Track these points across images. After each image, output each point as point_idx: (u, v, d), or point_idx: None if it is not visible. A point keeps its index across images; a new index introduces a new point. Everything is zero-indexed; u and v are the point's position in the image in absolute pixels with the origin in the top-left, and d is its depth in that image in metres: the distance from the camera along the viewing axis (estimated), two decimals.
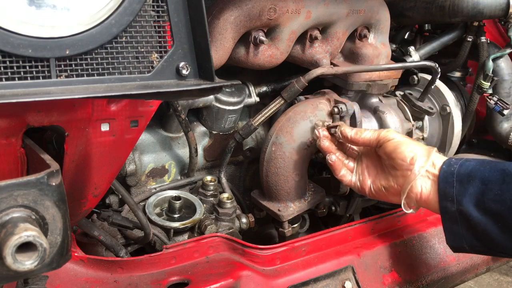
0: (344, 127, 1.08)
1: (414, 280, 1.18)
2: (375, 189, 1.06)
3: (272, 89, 1.45)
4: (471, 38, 1.52)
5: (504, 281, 2.61)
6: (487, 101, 1.50)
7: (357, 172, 1.10)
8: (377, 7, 1.32)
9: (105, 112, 0.77)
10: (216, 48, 1.12)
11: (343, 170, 1.10)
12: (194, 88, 0.71)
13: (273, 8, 1.13)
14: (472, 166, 0.94)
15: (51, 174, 0.60)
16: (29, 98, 0.59)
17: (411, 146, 0.99)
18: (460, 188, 0.92)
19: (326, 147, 1.10)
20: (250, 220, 1.24)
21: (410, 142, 1.00)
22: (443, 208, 0.95)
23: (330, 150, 1.10)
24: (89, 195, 0.85)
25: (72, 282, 0.92)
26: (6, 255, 0.53)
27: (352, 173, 1.10)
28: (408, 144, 0.99)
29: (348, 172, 1.10)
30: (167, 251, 0.99)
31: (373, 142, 1.04)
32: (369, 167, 1.09)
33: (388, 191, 1.03)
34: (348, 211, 1.57)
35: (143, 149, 1.26)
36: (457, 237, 0.95)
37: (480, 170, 0.92)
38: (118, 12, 0.66)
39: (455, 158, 0.98)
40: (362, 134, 1.05)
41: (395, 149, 0.99)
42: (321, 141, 1.10)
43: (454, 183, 0.93)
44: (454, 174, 0.94)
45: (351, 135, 1.06)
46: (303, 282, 1.05)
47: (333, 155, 1.10)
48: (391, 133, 1.02)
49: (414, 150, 0.98)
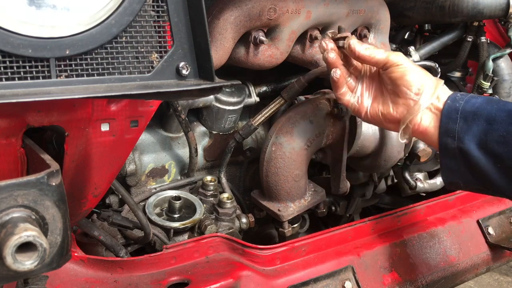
0: (353, 39, 0.99)
1: (414, 280, 1.18)
2: (371, 113, 1.01)
3: (272, 89, 1.45)
4: (471, 38, 1.52)
5: (504, 281, 2.61)
6: None
7: (356, 93, 1.04)
8: (377, 7, 1.32)
9: (105, 112, 0.77)
10: (216, 48, 1.12)
11: (344, 88, 1.03)
12: (194, 88, 0.71)
13: (273, 8, 1.13)
14: (479, 104, 0.90)
15: (51, 174, 0.60)
16: (29, 98, 0.59)
17: (419, 75, 0.94)
18: (463, 125, 0.89)
19: (332, 61, 1.02)
20: (250, 220, 1.24)
21: (418, 71, 0.95)
22: (443, 144, 0.92)
23: (336, 64, 1.02)
24: (89, 195, 0.85)
25: (72, 282, 0.92)
26: (6, 255, 0.53)
27: (352, 92, 1.04)
28: (416, 72, 0.95)
29: (348, 91, 1.04)
30: (167, 251, 0.99)
31: (381, 63, 0.98)
32: (369, 89, 1.03)
33: (385, 117, 0.99)
34: (348, 211, 1.58)
35: (143, 149, 1.26)
36: (454, 173, 0.93)
37: (487, 109, 0.88)
38: (118, 12, 0.66)
39: (460, 94, 0.94)
40: (371, 52, 0.98)
41: (402, 76, 0.94)
42: (328, 54, 1.01)
43: (458, 120, 0.90)
44: (458, 110, 0.90)
45: (359, 50, 0.98)
46: (303, 282, 1.05)
47: (338, 70, 1.01)
48: (401, 58, 0.96)
49: (422, 80, 0.94)
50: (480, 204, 1.44)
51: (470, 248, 1.32)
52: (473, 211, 1.40)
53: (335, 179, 1.29)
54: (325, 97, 1.25)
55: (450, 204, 1.39)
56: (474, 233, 1.36)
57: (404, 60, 0.96)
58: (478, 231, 1.37)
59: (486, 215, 1.40)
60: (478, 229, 1.37)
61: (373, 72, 1.03)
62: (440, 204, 1.36)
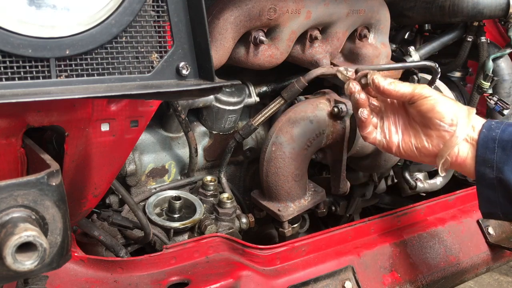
0: (376, 75, 0.97)
1: (414, 280, 1.18)
2: (404, 148, 0.98)
3: (272, 89, 1.45)
4: (471, 38, 1.52)
5: (504, 281, 2.61)
6: (487, 101, 1.50)
7: (383, 128, 1.01)
8: (377, 7, 1.32)
9: (105, 112, 0.77)
10: (216, 48, 1.12)
11: (370, 127, 1.00)
12: (194, 88, 0.71)
13: (273, 8, 1.13)
14: None
15: (51, 174, 0.60)
16: (29, 98, 0.59)
17: (450, 105, 0.92)
18: (502, 155, 0.87)
19: (362, 101, 0.98)
20: (250, 220, 1.24)
21: (448, 101, 0.93)
22: (480, 174, 0.90)
23: (366, 104, 0.99)
24: (89, 195, 0.85)
25: (72, 282, 0.92)
26: (6, 255, 0.53)
27: (376, 129, 1.01)
28: (447, 103, 0.92)
29: (374, 128, 1.01)
30: (167, 251, 0.99)
31: (406, 97, 0.95)
32: (396, 124, 1.00)
33: (420, 151, 0.96)
34: (348, 211, 1.58)
35: (143, 149, 1.26)
36: (492, 204, 0.91)
37: None
38: (118, 12, 0.66)
39: (495, 122, 0.92)
40: (395, 86, 0.95)
41: (433, 108, 0.92)
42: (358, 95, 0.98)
43: (495, 149, 0.88)
44: (495, 139, 0.88)
45: (383, 85, 0.96)
46: (303, 282, 1.05)
47: (365, 110, 0.98)
48: (427, 89, 0.94)
49: (454, 111, 0.91)
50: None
51: (470, 248, 1.32)
52: (473, 211, 1.40)
53: (335, 179, 1.29)
54: (325, 97, 1.25)
55: (450, 204, 1.39)
56: (474, 233, 1.36)
57: (431, 91, 0.94)
58: (478, 231, 1.37)
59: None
60: (478, 229, 1.37)
61: (396, 105, 1.01)
62: (440, 204, 1.36)
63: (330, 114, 1.22)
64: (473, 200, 1.44)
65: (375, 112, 1.03)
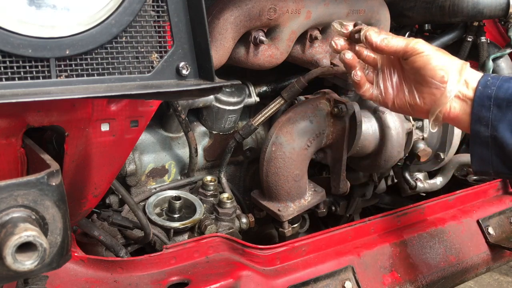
0: (370, 31, 0.94)
1: (414, 280, 1.18)
2: (398, 104, 0.97)
3: (272, 89, 1.45)
4: (471, 38, 1.52)
5: (504, 281, 2.61)
6: None
7: (378, 84, 0.99)
8: (377, 7, 1.32)
9: (105, 112, 0.77)
10: (216, 48, 1.12)
11: (366, 85, 0.98)
12: (194, 88, 0.70)
13: (273, 8, 1.13)
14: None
15: (51, 174, 0.60)
16: (29, 98, 0.59)
17: (442, 60, 0.89)
18: (497, 113, 0.86)
19: (350, 61, 0.96)
20: (250, 220, 1.24)
21: (441, 56, 0.90)
22: (475, 132, 0.89)
23: (355, 64, 0.97)
24: (89, 195, 0.85)
25: (72, 282, 0.92)
26: (6, 255, 0.53)
27: (373, 85, 0.99)
28: (439, 58, 0.90)
29: (370, 85, 0.99)
30: (167, 251, 0.99)
31: (400, 52, 0.93)
32: (391, 79, 0.98)
33: (413, 108, 0.95)
34: (348, 211, 1.58)
35: (143, 149, 1.26)
36: (484, 161, 0.90)
37: None
38: (118, 12, 0.66)
39: (491, 77, 0.90)
40: (389, 42, 0.93)
41: (425, 65, 0.89)
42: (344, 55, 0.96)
43: (491, 107, 0.86)
44: (491, 97, 0.86)
45: (376, 41, 0.93)
46: (303, 282, 1.05)
47: (358, 71, 0.96)
48: (421, 44, 0.91)
49: (446, 66, 0.89)
50: (480, 204, 1.44)
51: (470, 248, 1.32)
52: (473, 211, 1.40)
53: (335, 179, 1.29)
54: (325, 97, 1.25)
55: (450, 204, 1.39)
56: (474, 233, 1.36)
57: (425, 46, 0.91)
58: (478, 231, 1.37)
59: (486, 215, 1.40)
60: (478, 229, 1.37)
61: (392, 60, 0.98)
62: (440, 204, 1.36)
63: (330, 114, 1.22)
64: (473, 200, 1.44)
65: (372, 65, 1.00)
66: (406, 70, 0.96)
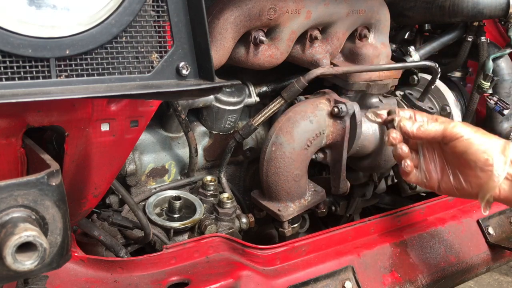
0: (403, 121, 0.95)
1: (414, 280, 1.18)
2: (444, 188, 0.97)
3: (272, 89, 1.45)
4: (471, 38, 1.52)
5: (504, 281, 2.61)
6: (487, 101, 1.50)
7: (422, 168, 0.98)
8: (377, 7, 1.32)
9: (105, 112, 0.77)
10: (216, 48, 1.12)
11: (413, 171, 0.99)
12: (194, 88, 0.71)
13: (273, 8, 1.13)
14: None
15: (51, 174, 0.60)
16: (29, 98, 0.59)
17: (483, 143, 0.89)
18: None
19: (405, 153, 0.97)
20: (250, 220, 1.24)
21: (481, 138, 0.90)
22: None
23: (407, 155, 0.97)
24: (89, 195, 0.85)
25: (72, 282, 0.92)
26: (6, 255, 0.53)
27: (417, 168, 0.99)
28: (480, 141, 0.89)
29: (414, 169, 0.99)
30: (167, 251, 0.99)
31: (438, 138, 0.93)
32: (434, 161, 0.98)
33: (461, 192, 0.94)
34: (348, 211, 1.58)
35: (143, 149, 1.26)
36: None
37: None
38: (118, 12, 0.66)
39: None
40: (426, 129, 0.93)
41: (466, 149, 0.89)
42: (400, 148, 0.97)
43: None
44: None
45: (413, 130, 0.94)
46: (303, 282, 1.05)
47: (408, 161, 0.97)
48: (459, 128, 0.91)
49: (488, 148, 0.88)
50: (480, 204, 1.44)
51: (470, 248, 1.32)
52: (473, 211, 1.40)
53: (335, 179, 1.29)
54: (325, 97, 1.25)
55: (450, 204, 1.39)
56: (474, 233, 1.36)
57: (463, 129, 0.91)
58: (478, 231, 1.37)
59: (486, 215, 1.40)
60: (478, 229, 1.37)
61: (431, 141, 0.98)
62: (440, 204, 1.36)
63: (330, 114, 1.22)
64: (473, 200, 1.44)
65: (412, 148, 1.00)
66: (447, 153, 0.95)
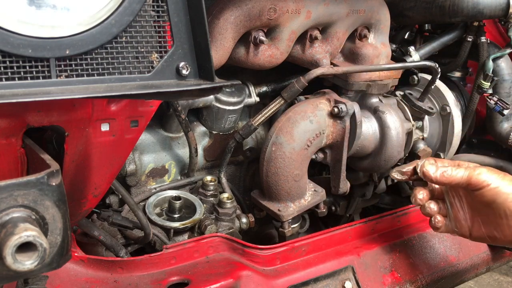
0: (426, 165, 0.94)
1: (414, 280, 1.18)
2: (476, 236, 0.96)
3: (272, 89, 1.45)
4: (471, 38, 1.52)
5: (504, 281, 2.61)
6: (487, 101, 1.50)
7: (450, 217, 0.98)
8: (377, 7, 1.32)
9: (105, 112, 0.77)
10: (216, 48, 1.12)
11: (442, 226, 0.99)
12: (194, 88, 0.71)
13: (273, 8, 1.13)
14: None
15: (51, 174, 0.60)
16: (29, 98, 0.59)
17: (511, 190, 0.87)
18: None
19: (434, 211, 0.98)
20: (250, 220, 1.24)
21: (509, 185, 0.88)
22: None
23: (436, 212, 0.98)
24: (89, 195, 0.85)
25: (72, 282, 0.92)
26: (6, 255, 0.53)
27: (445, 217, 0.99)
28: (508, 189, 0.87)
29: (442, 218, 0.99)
30: (167, 251, 0.99)
31: (463, 184, 0.91)
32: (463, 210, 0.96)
33: (494, 240, 0.93)
34: (348, 211, 1.58)
35: (143, 149, 1.26)
36: None
37: None
38: (118, 12, 0.66)
39: None
40: (450, 175, 0.92)
41: (495, 199, 0.88)
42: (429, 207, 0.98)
43: None
44: None
45: (436, 176, 0.93)
46: (303, 282, 1.05)
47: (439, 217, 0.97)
48: (484, 175, 0.89)
49: None
50: None
51: (470, 248, 1.32)
52: None
53: (335, 179, 1.29)
54: (325, 97, 1.25)
55: None
56: None
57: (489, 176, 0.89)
58: None
59: None
60: None
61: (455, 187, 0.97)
62: None
63: (330, 114, 1.22)
64: None
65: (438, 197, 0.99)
66: (475, 201, 0.93)
